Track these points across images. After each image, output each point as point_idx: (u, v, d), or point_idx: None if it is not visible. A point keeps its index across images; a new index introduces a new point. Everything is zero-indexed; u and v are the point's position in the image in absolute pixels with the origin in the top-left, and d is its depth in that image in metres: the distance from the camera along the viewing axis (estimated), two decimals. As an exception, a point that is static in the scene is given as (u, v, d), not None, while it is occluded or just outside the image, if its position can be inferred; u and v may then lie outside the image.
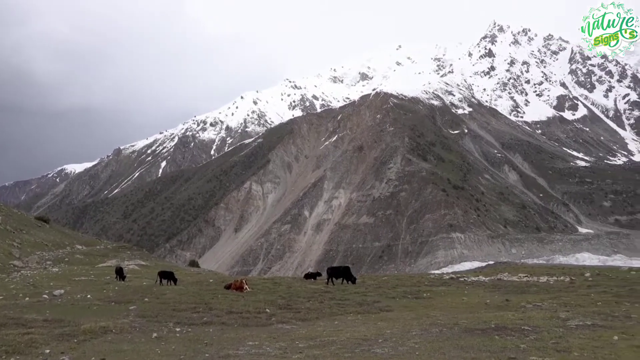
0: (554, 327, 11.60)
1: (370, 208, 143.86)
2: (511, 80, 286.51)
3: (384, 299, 19.50)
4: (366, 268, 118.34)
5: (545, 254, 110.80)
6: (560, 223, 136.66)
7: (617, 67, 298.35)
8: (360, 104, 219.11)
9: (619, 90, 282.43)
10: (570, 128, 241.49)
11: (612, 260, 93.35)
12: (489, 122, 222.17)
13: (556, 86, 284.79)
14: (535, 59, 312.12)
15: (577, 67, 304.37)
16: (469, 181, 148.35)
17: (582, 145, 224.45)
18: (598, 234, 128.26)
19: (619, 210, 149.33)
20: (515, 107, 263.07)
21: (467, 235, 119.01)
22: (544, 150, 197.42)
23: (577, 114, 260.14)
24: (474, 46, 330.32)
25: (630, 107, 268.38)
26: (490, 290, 21.67)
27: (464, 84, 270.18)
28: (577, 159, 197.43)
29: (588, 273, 28.86)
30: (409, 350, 9.91)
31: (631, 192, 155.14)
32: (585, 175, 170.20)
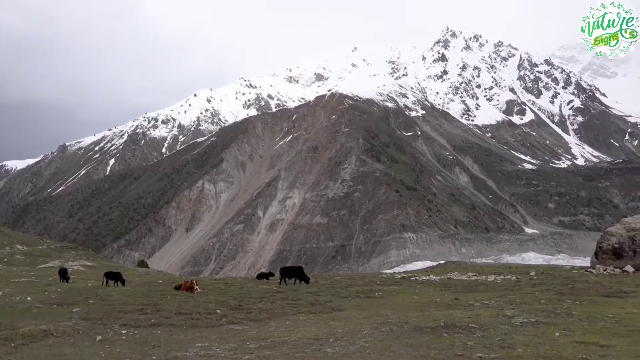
0: (500, 325, 11.89)
1: (324, 208, 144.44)
2: (463, 85, 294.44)
3: (336, 298, 19.52)
4: (319, 268, 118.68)
5: (493, 253, 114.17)
6: (508, 223, 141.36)
7: (562, 74, 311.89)
8: (316, 105, 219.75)
9: (564, 96, 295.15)
10: (518, 132, 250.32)
11: (556, 259, 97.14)
12: (441, 124, 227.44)
13: (505, 91, 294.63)
14: (486, 64, 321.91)
15: (525, 74, 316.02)
16: (422, 182, 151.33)
17: (529, 148, 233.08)
18: (543, 234, 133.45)
19: (562, 211, 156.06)
20: (466, 110, 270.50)
21: (419, 235, 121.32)
22: (494, 153, 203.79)
23: (525, 118, 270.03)
24: (428, 50, 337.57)
25: (574, 113, 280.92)
26: (441, 289, 22.07)
27: (418, 87, 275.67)
28: (525, 162, 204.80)
29: (533, 272, 29.91)
30: (359, 349, 9.93)
31: (574, 194, 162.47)
32: (532, 177, 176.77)
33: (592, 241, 34.07)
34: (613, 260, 29.04)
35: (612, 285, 20.73)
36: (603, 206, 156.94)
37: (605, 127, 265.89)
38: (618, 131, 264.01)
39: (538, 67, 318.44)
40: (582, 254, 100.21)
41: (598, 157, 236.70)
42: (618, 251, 28.99)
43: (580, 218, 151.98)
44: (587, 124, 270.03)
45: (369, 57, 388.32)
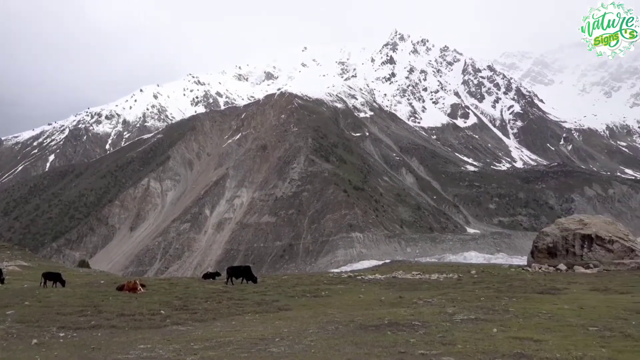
0: (442, 322, 12.27)
1: (272, 207, 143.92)
2: (410, 87, 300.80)
3: (283, 298, 19.54)
4: (267, 267, 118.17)
5: (437, 252, 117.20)
6: (451, 224, 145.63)
7: (503, 80, 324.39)
8: (265, 103, 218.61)
9: (505, 101, 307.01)
10: (462, 135, 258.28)
11: (495, 258, 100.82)
12: (389, 126, 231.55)
13: (450, 95, 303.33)
14: (432, 68, 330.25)
15: (469, 78, 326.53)
16: (369, 182, 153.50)
17: (472, 151, 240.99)
18: (484, 234, 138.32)
19: (502, 212, 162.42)
20: (413, 112, 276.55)
21: (366, 234, 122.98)
22: (438, 155, 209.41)
23: (468, 121, 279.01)
24: (377, 52, 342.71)
25: (514, 118, 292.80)
26: (386, 288, 22.50)
27: (367, 89, 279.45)
28: (468, 164, 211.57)
29: (474, 270, 31.00)
30: (304, 348, 9.99)
31: (513, 196, 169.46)
32: (474, 179, 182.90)
33: (529, 241, 35.75)
34: (548, 259, 30.54)
35: (547, 282, 21.80)
36: (539, 207, 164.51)
37: (543, 132, 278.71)
38: (554, 136, 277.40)
39: (481, 73, 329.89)
40: (520, 253, 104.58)
41: (535, 160, 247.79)
42: (552, 250, 30.51)
43: (519, 219, 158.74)
44: (526, 128, 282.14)
45: (319, 58, 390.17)
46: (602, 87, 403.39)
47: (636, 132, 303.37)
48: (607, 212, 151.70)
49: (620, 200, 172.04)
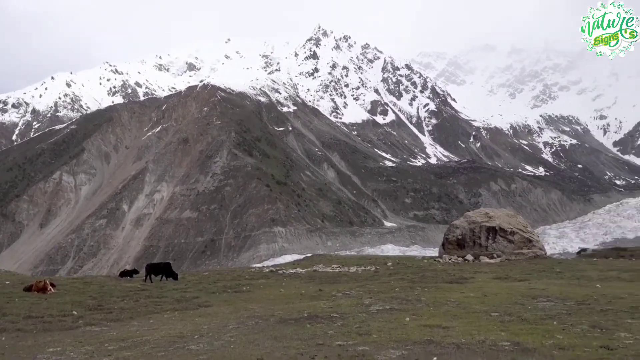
0: (359, 313, 12.77)
1: (194, 202, 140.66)
2: (332, 83, 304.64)
3: (203, 294, 19.34)
4: (188, 264, 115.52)
5: (356, 246, 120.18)
6: (370, 217, 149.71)
7: (420, 79, 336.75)
8: (187, 95, 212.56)
9: (421, 100, 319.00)
10: (381, 131, 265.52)
11: (410, 250, 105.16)
12: (311, 121, 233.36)
13: (370, 92, 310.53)
14: (354, 65, 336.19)
15: (389, 76, 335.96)
16: (292, 177, 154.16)
17: (390, 147, 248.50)
18: (400, 227, 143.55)
19: (417, 206, 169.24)
20: (335, 108, 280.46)
21: (288, 229, 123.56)
22: (359, 151, 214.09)
23: (387, 118, 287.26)
24: (300, 47, 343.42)
25: (429, 116, 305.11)
26: (306, 281, 22.89)
27: (290, 83, 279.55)
28: (386, 160, 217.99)
29: (390, 262, 32.20)
30: (224, 344, 10.05)
31: (427, 190, 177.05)
32: (392, 174, 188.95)
33: (441, 233, 37.72)
34: (457, 250, 32.40)
35: (455, 272, 23.18)
36: (451, 201, 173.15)
37: (455, 130, 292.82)
38: (465, 134, 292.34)
39: (400, 71, 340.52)
40: (433, 244, 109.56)
41: (448, 156, 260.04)
42: (461, 242, 32.40)
43: (432, 212, 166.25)
44: (440, 126, 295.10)
45: (243, 50, 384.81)
46: (507, 88, 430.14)
47: (536, 131, 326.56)
48: (510, 205, 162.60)
49: (521, 195, 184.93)
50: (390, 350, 8.76)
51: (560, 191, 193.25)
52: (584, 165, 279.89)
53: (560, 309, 12.22)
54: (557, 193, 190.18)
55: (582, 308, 12.17)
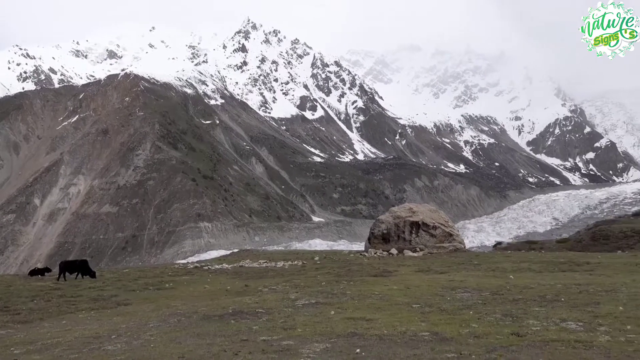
0: (285, 308, 12.72)
1: (114, 197, 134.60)
2: (261, 77, 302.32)
3: (122, 292, 18.53)
4: (107, 261, 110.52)
5: (284, 240, 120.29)
6: (298, 212, 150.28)
7: (349, 76, 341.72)
8: (107, 84, 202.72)
9: (349, 97, 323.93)
10: (310, 127, 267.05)
11: (338, 245, 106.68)
12: (239, 115, 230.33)
13: (300, 87, 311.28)
14: (284, 59, 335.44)
15: (318, 72, 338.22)
16: (219, 171, 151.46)
17: (318, 142, 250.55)
18: (328, 222, 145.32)
19: (344, 201, 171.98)
20: (264, 102, 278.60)
21: (214, 224, 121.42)
22: (287, 146, 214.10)
23: (316, 114, 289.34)
24: (229, 39, 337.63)
25: (357, 113, 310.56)
26: (232, 277, 22.56)
27: (218, 76, 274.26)
28: (314, 155, 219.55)
29: (317, 257, 32.46)
30: (143, 343, 9.65)
31: (354, 186, 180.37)
32: (320, 170, 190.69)
33: (367, 228, 38.60)
34: (382, 244, 33.18)
35: (380, 266, 23.71)
36: (377, 197, 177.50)
37: (381, 127, 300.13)
38: (391, 131, 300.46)
39: (329, 68, 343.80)
40: (360, 239, 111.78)
41: (375, 153, 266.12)
42: (386, 236, 33.21)
43: (359, 207, 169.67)
44: (367, 123, 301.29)
45: (168, 40, 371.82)
46: (431, 88, 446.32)
47: (457, 130, 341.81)
48: (433, 201, 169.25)
49: (443, 191, 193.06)
50: (315, 343, 8.78)
51: (479, 187, 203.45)
52: (500, 163, 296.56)
53: (476, 299, 12.78)
54: (476, 189, 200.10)
55: (496, 298, 12.80)
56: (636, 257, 23.67)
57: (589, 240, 44.03)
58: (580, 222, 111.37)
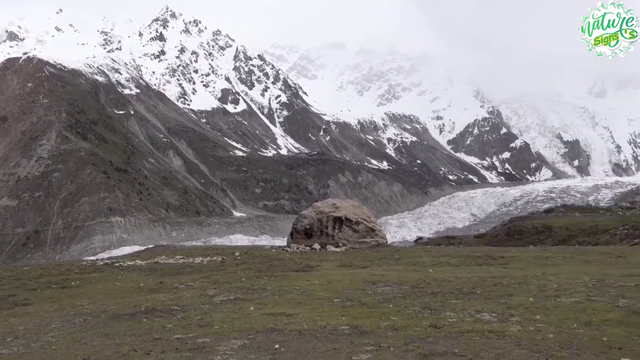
0: (201, 305, 12.22)
1: (13, 189, 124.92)
2: (180, 68, 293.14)
3: (21, 291, 17.04)
4: (5, 258, 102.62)
5: (203, 236, 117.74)
6: (218, 207, 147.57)
7: (272, 70, 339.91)
8: (7, 68, 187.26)
9: (273, 91, 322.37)
10: (232, 120, 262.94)
11: (260, 240, 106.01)
12: (156, 106, 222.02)
13: (222, 80, 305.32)
14: (204, 50, 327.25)
15: (241, 65, 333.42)
16: (133, 164, 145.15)
17: (240, 136, 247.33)
18: (249, 217, 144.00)
19: (267, 196, 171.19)
20: (183, 94, 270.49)
21: (127, 219, 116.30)
22: (208, 139, 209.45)
23: (238, 107, 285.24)
24: (145, 27, 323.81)
25: (280, 107, 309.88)
26: (146, 274, 21.52)
27: (133, 64, 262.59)
28: (236, 149, 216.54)
29: (238, 252, 31.77)
30: (44, 345, 8.84)
31: (277, 181, 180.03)
32: (242, 164, 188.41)
33: (290, 223, 38.56)
34: (305, 240, 33.13)
35: (302, 261, 23.60)
36: (300, 192, 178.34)
37: (305, 123, 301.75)
38: (315, 127, 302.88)
39: (252, 61, 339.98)
40: (282, 234, 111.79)
41: (298, 148, 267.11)
42: (309, 231, 33.19)
43: (282, 202, 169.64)
44: (291, 118, 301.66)
45: (78, 23, 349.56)
46: (356, 86, 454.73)
47: (381, 128, 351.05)
48: (356, 196, 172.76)
49: (366, 187, 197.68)
50: (232, 340, 8.51)
51: (401, 184, 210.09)
52: (422, 161, 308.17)
53: (396, 292, 12.96)
54: (399, 186, 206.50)
55: (415, 291, 13.04)
56: (546, 251, 25.25)
57: (504, 235, 46.76)
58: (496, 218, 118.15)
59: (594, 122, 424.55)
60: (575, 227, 43.78)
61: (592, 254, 22.98)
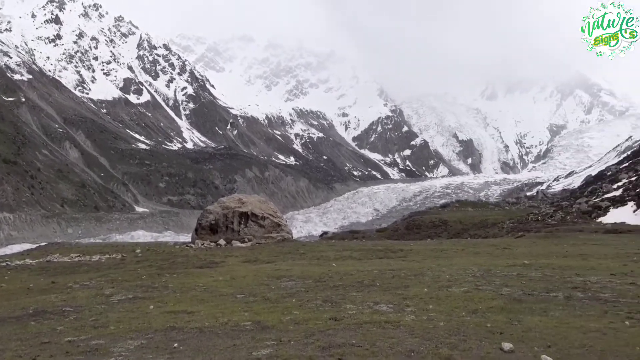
0: (97, 305, 11.67)
1: None
2: (79, 54, 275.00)
3: None
4: None
5: (102, 232, 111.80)
6: (119, 202, 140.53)
7: (179, 61, 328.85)
8: None
9: (179, 82, 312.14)
10: (135, 111, 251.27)
11: (163, 236, 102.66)
12: (51, 93, 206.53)
13: (124, 68, 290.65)
14: (106, 37, 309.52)
15: (145, 54, 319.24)
16: (24, 156, 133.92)
17: (144, 129, 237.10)
18: (153, 212, 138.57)
19: (171, 191, 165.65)
20: (81, 82, 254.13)
21: (17, 215, 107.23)
22: (108, 130, 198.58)
23: (142, 98, 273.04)
24: (39, 8, 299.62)
25: (187, 100, 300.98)
26: (37, 274, 20.11)
27: (25, 47, 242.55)
28: (139, 142, 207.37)
29: (139, 249, 30.55)
30: None
31: (183, 175, 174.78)
32: (145, 157, 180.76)
33: (195, 219, 37.63)
34: (210, 235, 32.61)
35: (207, 257, 23.23)
36: (206, 187, 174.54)
37: (212, 116, 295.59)
38: (222, 120, 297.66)
39: (157, 50, 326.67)
40: (187, 230, 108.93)
41: (205, 142, 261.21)
42: (214, 227, 32.71)
43: (187, 197, 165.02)
44: (198, 111, 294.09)
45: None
46: (264, 80, 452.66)
47: (289, 123, 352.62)
48: (263, 192, 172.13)
49: (273, 182, 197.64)
50: (129, 340, 8.23)
51: (308, 179, 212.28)
52: (328, 157, 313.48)
53: (300, 287, 13.20)
54: (305, 181, 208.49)
55: (318, 285, 13.36)
56: (441, 244, 26.84)
57: (404, 229, 49.02)
58: (398, 213, 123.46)
59: (486, 123, 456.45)
60: (468, 221, 46.99)
61: (481, 246, 24.83)
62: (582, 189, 55.90)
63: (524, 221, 42.12)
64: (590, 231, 31.11)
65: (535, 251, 21.50)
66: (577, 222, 37.50)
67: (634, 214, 36.29)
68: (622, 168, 52.63)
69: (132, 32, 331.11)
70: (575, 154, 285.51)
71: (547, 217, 41.71)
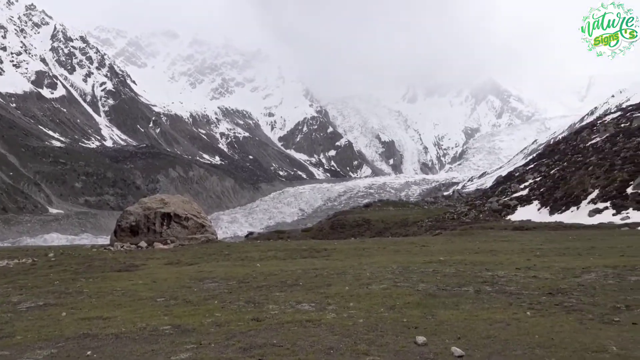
0: (2, 313, 10.96)
1: None
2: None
3: None
4: None
5: (11, 236, 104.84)
6: (30, 203, 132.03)
7: (97, 55, 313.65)
8: None
9: (97, 77, 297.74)
10: (48, 107, 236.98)
11: (80, 239, 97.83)
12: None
13: (36, 60, 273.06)
14: (15, 26, 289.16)
15: (60, 46, 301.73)
16: None
17: (58, 125, 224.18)
18: (68, 214, 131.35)
19: (89, 191, 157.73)
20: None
21: None
22: (18, 126, 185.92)
23: (56, 93, 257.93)
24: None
25: (106, 95, 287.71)
26: None
27: None
28: (53, 139, 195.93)
29: (52, 253, 28.86)
30: None
31: (101, 175, 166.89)
32: (60, 155, 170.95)
33: (115, 220, 36.12)
34: (130, 237, 31.41)
35: (126, 260, 22.38)
36: (127, 187, 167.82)
37: (134, 113, 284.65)
38: (144, 118, 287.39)
39: (73, 43, 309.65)
40: (106, 232, 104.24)
41: (125, 140, 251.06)
42: (135, 229, 31.56)
43: (106, 198, 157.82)
44: (118, 107, 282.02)
45: None
46: (188, 77, 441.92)
47: (214, 122, 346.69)
48: (187, 192, 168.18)
49: (198, 182, 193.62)
50: (37, 350, 7.81)
51: (234, 179, 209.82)
52: (254, 157, 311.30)
53: (223, 288, 13.08)
54: (231, 181, 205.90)
55: (242, 286, 13.30)
56: (364, 243, 27.49)
57: (328, 229, 49.69)
58: (323, 212, 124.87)
59: (407, 125, 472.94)
60: (389, 220, 48.47)
61: (401, 244, 25.74)
62: (493, 188, 59.34)
63: (441, 219, 44.11)
64: (500, 228, 33.14)
65: (451, 248, 22.63)
66: (489, 220, 39.82)
67: (538, 212, 39.11)
68: (528, 169, 56.47)
69: (45, 22, 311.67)
70: (487, 156, 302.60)
71: (462, 215, 43.97)
